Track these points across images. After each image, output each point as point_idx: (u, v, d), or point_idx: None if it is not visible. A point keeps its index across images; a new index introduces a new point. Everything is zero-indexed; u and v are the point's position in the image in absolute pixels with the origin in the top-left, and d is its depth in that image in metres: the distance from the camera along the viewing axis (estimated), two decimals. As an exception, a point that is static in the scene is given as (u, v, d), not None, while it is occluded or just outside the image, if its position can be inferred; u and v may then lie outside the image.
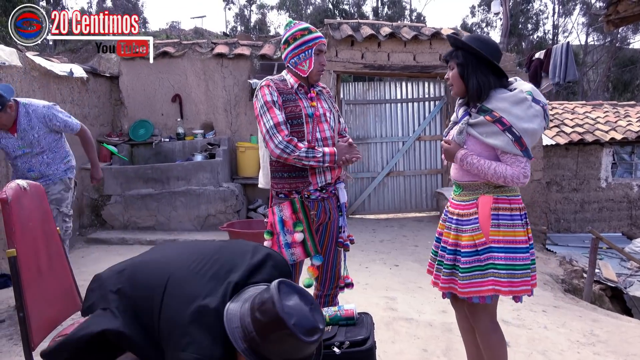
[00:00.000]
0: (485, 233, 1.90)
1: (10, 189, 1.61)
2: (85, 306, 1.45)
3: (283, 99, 2.14)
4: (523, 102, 1.85)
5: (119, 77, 6.60)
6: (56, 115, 3.28)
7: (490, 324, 2.01)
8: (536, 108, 1.87)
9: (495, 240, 1.89)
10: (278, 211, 2.16)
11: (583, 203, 8.72)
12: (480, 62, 1.91)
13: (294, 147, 2.05)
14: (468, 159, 1.95)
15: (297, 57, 2.17)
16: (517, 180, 1.86)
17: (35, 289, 1.63)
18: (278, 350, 1.18)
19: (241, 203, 6.12)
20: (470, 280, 1.91)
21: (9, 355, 2.68)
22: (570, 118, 9.29)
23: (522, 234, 1.91)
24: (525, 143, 1.83)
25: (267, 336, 1.17)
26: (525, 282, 1.90)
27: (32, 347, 1.59)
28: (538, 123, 1.86)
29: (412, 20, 28.08)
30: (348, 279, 2.39)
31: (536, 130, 1.85)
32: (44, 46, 22.41)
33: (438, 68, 6.90)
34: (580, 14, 26.75)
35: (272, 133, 2.06)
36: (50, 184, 3.24)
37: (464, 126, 1.97)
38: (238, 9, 32.09)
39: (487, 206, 1.92)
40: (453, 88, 2.04)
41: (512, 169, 1.86)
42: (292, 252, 2.14)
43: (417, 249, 5.46)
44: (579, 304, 4.20)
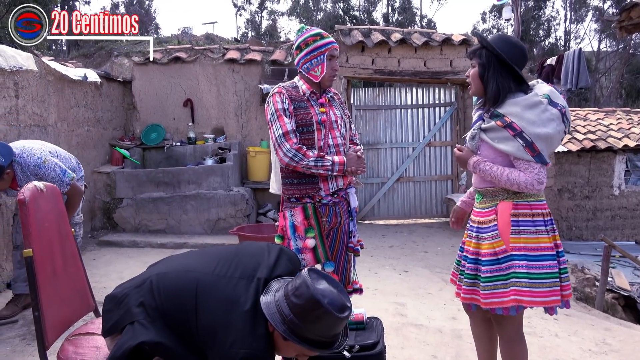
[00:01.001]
0: (505, 240, 1.83)
1: (28, 190, 1.65)
2: (106, 327, 1.47)
3: (294, 106, 2.14)
4: (537, 106, 1.80)
5: (131, 81, 6.69)
6: (49, 168, 3.04)
7: (515, 334, 1.95)
8: (552, 111, 1.81)
9: (516, 247, 1.82)
10: (290, 216, 2.15)
11: (595, 211, 8.62)
12: (503, 65, 1.86)
13: (302, 155, 2.06)
14: (480, 166, 1.91)
15: (310, 63, 2.17)
16: (531, 187, 1.80)
17: (50, 289, 1.65)
18: (315, 327, 1.32)
19: (251, 207, 6.14)
20: (492, 291, 1.85)
21: (22, 355, 2.72)
22: (582, 125, 9.21)
23: (547, 241, 1.83)
24: (538, 148, 1.77)
25: (305, 317, 1.30)
26: (553, 292, 1.80)
27: (46, 346, 1.62)
28: (553, 127, 1.79)
29: (423, 26, 28.11)
30: (357, 284, 2.38)
31: (550, 134, 1.78)
32: (58, 51, 22.78)
33: (449, 74, 6.90)
34: (593, 20, 26.60)
35: (280, 141, 2.08)
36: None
37: (476, 131, 1.94)
38: (249, 15, 32.40)
39: (507, 212, 1.86)
40: (471, 87, 2.00)
41: (525, 175, 1.80)
42: (302, 257, 2.12)
43: (427, 255, 5.44)
44: (591, 313, 4.15)
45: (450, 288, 4.11)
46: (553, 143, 1.84)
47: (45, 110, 4.62)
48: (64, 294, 1.72)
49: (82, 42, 21.34)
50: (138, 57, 6.74)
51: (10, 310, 3.24)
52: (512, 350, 1.95)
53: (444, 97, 7.60)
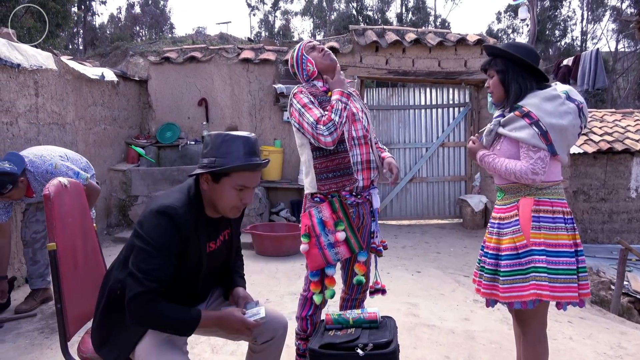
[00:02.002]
0: (526, 235, 1.87)
1: (53, 186, 1.69)
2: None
3: (319, 100, 2.20)
4: (555, 99, 1.86)
5: (147, 81, 6.77)
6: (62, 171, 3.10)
7: (538, 333, 1.98)
8: (570, 105, 1.87)
9: (536, 242, 1.86)
10: (317, 213, 2.16)
11: (611, 213, 8.50)
12: (520, 67, 1.93)
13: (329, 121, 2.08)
14: (485, 159, 1.99)
15: (303, 68, 2.29)
16: (526, 176, 1.85)
17: (72, 282, 1.70)
18: (228, 152, 1.54)
19: (264, 206, 6.18)
20: (511, 285, 1.88)
21: (40, 348, 2.78)
22: (598, 126, 9.08)
23: (566, 238, 1.87)
24: (551, 138, 1.82)
25: (217, 149, 1.55)
26: (570, 289, 1.84)
27: (68, 338, 1.66)
28: (569, 120, 1.85)
29: (437, 26, 27.95)
30: (378, 284, 2.39)
31: (565, 126, 1.84)
32: (75, 50, 23.11)
33: (463, 74, 6.87)
34: (610, 20, 26.20)
35: (315, 128, 2.08)
36: None
37: (493, 126, 2.00)
38: (262, 15, 32.52)
39: (528, 208, 1.90)
40: (493, 95, 2.05)
41: (521, 164, 1.86)
42: (336, 251, 2.15)
43: (439, 255, 5.42)
44: (606, 316, 4.11)
45: (463, 289, 4.11)
46: (567, 136, 1.88)
47: (64, 109, 4.71)
48: (85, 288, 1.76)
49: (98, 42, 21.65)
50: (154, 56, 6.82)
51: (29, 304, 3.31)
52: (534, 351, 1.98)
53: (458, 97, 7.56)
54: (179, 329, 1.49)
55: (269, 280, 4.23)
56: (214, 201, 1.59)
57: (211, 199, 1.59)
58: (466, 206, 6.97)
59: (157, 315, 1.44)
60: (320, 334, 1.91)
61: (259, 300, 1.72)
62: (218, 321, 1.57)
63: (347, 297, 2.39)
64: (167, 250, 1.47)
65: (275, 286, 4.06)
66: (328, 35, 25.39)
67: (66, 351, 1.65)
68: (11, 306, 3.36)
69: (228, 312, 1.58)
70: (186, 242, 1.53)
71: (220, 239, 1.72)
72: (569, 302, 1.88)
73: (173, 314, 1.47)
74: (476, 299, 3.83)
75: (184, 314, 1.49)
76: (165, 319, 1.45)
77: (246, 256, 5.11)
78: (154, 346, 1.50)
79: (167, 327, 1.48)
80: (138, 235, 1.49)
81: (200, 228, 1.58)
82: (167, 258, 1.47)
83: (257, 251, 5.24)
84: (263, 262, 4.90)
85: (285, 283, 4.15)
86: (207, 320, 1.53)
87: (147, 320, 1.46)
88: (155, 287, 1.44)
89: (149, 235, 1.47)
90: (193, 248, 1.56)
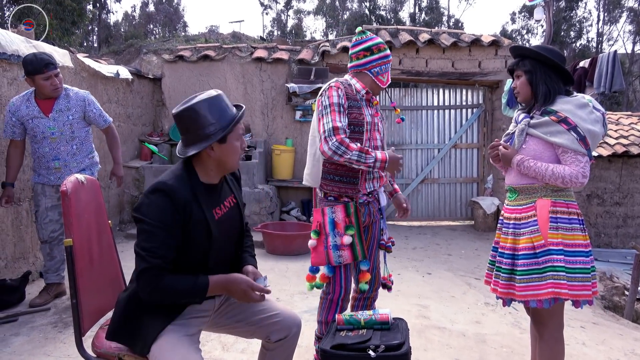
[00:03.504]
0: (544, 235, 1.92)
1: (70, 183, 1.71)
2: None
3: (349, 104, 2.17)
4: (586, 107, 1.93)
5: (161, 79, 6.83)
6: (94, 102, 3.39)
7: (555, 333, 2.01)
8: (597, 114, 1.94)
9: (554, 242, 1.91)
10: (330, 212, 2.18)
11: (626, 218, 8.38)
12: (548, 68, 1.98)
13: (345, 148, 2.05)
14: (525, 163, 1.99)
15: (380, 68, 2.24)
16: (576, 180, 1.90)
17: (87, 278, 1.71)
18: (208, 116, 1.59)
19: (275, 205, 6.20)
20: (528, 284, 1.93)
21: (53, 342, 2.81)
22: (614, 129, 8.95)
23: (582, 238, 1.93)
24: (589, 143, 1.89)
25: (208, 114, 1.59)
26: (585, 287, 1.89)
27: (82, 332, 1.68)
28: (599, 127, 1.93)
29: (450, 26, 27.77)
30: (385, 279, 2.42)
31: (597, 133, 1.91)
32: (89, 48, 23.37)
33: (477, 75, 6.82)
34: (627, 21, 25.79)
35: (328, 134, 2.07)
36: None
37: (524, 126, 2.01)
38: (275, 13, 32.60)
39: (546, 209, 1.94)
40: (520, 95, 2.08)
41: (570, 168, 1.90)
42: (339, 254, 2.17)
43: (450, 257, 5.39)
44: (620, 322, 4.05)
45: (474, 292, 4.08)
46: (597, 142, 1.95)
47: (80, 106, 4.76)
48: (99, 283, 1.78)
49: (112, 39, 21.87)
50: (167, 54, 6.87)
51: (43, 298, 3.36)
52: (551, 350, 2.00)
53: (472, 98, 7.51)
54: (189, 297, 1.53)
55: (280, 279, 4.24)
56: (224, 161, 1.64)
57: (219, 162, 1.63)
58: (478, 208, 6.92)
59: (165, 288, 1.48)
60: (332, 335, 1.91)
61: (267, 275, 1.72)
62: (226, 284, 1.57)
63: (359, 296, 2.40)
64: (165, 225, 1.50)
65: (286, 285, 4.07)
66: (340, 34, 25.37)
67: (81, 346, 1.67)
68: (25, 300, 3.41)
69: (235, 275, 1.59)
70: (186, 210, 1.54)
71: (226, 205, 1.72)
72: (587, 301, 1.92)
73: (181, 283, 1.50)
74: (487, 302, 3.80)
75: (191, 282, 1.51)
76: (173, 290, 1.49)
77: (257, 255, 5.14)
78: (169, 343, 1.51)
79: (178, 297, 1.52)
80: (137, 219, 1.53)
81: (199, 195, 1.60)
82: (168, 232, 1.50)
83: (267, 250, 5.25)
84: (273, 260, 4.91)
85: (296, 282, 4.16)
86: (215, 285, 1.55)
87: (156, 294, 1.49)
88: (159, 264, 1.47)
89: (146, 215, 1.51)
90: (197, 215, 1.57)
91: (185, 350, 1.50)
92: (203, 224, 1.58)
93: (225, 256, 1.72)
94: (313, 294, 3.82)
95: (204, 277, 1.55)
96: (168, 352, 1.49)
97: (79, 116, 3.32)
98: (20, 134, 3.27)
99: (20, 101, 3.21)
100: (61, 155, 3.28)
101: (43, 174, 3.31)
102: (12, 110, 3.21)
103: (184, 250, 1.55)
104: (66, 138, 3.28)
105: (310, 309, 3.46)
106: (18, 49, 3.67)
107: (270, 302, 1.82)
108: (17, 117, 3.21)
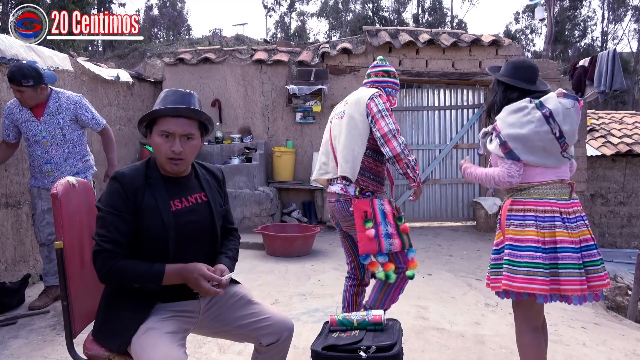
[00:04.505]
0: (503, 232, 2.10)
1: (61, 185, 1.71)
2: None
3: None
4: (520, 111, 2.05)
5: (162, 82, 6.85)
6: (86, 105, 3.37)
7: (521, 324, 2.12)
8: (534, 115, 2.01)
9: (508, 238, 2.05)
10: (379, 204, 2.43)
11: (630, 217, 8.32)
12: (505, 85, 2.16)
13: (408, 151, 2.39)
14: (467, 171, 2.28)
15: (393, 90, 2.64)
16: (503, 179, 2.07)
17: (78, 280, 1.71)
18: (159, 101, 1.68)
19: (276, 207, 6.20)
20: (495, 277, 2.13)
21: (52, 344, 2.82)
22: (617, 128, 8.91)
23: (533, 234, 1.98)
24: (510, 147, 2.03)
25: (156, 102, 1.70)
26: (529, 280, 1.94)
27: (74, 335, 1.68)
28: (529, 128, 2.00)
29: (453, 27, 27.73)
30: None
31: (523, 134, 2.00)
32: (94, 52, 23.51)
33: (477, 75, 6.80)
34: (632, 20, 25.64)
35: (394, 134, 2.37)
36: None
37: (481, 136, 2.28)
38: (278, 16, 32.67)
39: (505, 208, 2.12)
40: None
41: (497, 170, 2.10)
42: (390, 242, 2.37)
43: (452, 258, 5.36)
44: (622, 322, 4.01)
45: (474, 293, 4.06)
46: (532, 142, 2.01)
47: (80, 109, 4.78)
48: (91, 286, 1.78)
49: (116, 44, 21.98)
50: (169, 57, 6.90)
51: (43, 301, 3.37)
52: (518, 341, 2.12)
53: (472, 98, 7.48)
54: (144, 281, 1.55)
55: (279, 281, 4.24)
56: (155, 155, 1.67)
57: (154, 154, 1.67)
58: (480, 209, 6.89)
59: (119, 270, 1.52)
60: (324, 336, 1.90)
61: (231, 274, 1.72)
62: (182, 272, 1.57)
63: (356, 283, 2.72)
64: (116, 210, 1.56)
65: (285, 287, 4.07)
66: (343, 36, 25.36)
67: (72, 349, 1.67)
68: (25, 303, 3.43)
69: (192, 264, 1.58)
70: (137, 196, 1.58)
71: (190, 200, 1.71)
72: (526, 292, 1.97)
73: (136, 267, 1.54)
74: (487, 303, 3.78)
75: (147, 267, 1.55)
76: (127, 272, 1.53)
77: (257, 256, 5.17)
78: (150, 340, 1.52)
79: (132, 280, 1.55)
80: (97, 209, 1.60)
81: (154, 184, 1.64)
82: (119, 217, 1.55)
83: (267, 251, 5.26)
84: (273, 262, 4.91)
85: (295, 284, 4.15)
86: (172, 272, 1.56)
87: (111, 276, 1.53)
88: (111, 247, 1.53)
89: (102, 204, 1.59)
90: (149, 202, 1.60)
91: (166, 347, 1.50)
92: (155, 211, 1.60)
93: (196, 253, 1.69)
94: (312, 296, 3.82)
95: (162, 264, 1.57)
96: (149, 347, 1.49)
97: (70, 119, 3.32)
98: (14, 136, 3.31)
99: (14, 104, 3.26)
100: (53, 159, 3.29)
101: (38, 177, 3.34)
102: (6, 113, 3.26)
103: (140, 237, 1.59)
104: (57, 142, 3.29)
105: (308, 310, 3.46)
106: (17, 53, 3.70)
107: (261, 306, 1.81)
108: (10, 120, 3.25)
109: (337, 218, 2.59)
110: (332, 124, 2.65)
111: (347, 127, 2.46)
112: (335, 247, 5.66)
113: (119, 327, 1.58)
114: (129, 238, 1.57)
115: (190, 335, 1.77)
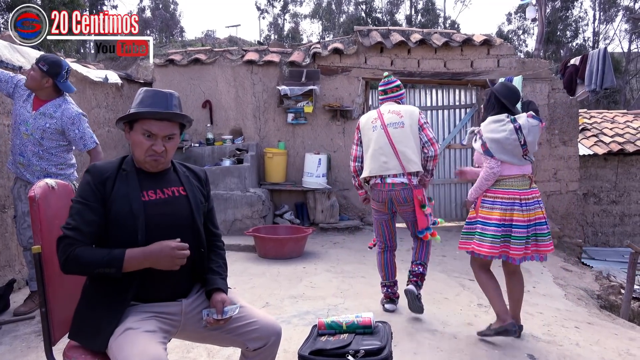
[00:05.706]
0: (477, 212, 2.96)
1: (39, 188, 1.66)
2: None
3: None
4: (499, 122, 2.86)
5: (152, 83, 6.79)
6: (81, 124, 3.26)
7: (479, 270, 3.06)
8: (508, 126, 2.80)
9: (480, 216, 2.92)
10: (425, 192, 3.45)
11: (623, 216, 8.34)
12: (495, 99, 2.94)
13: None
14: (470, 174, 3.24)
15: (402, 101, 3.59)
16: (488, 173, 2.85)
17: (58, 285, 1.66)
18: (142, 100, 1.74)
19: (267, 208, 6.15)
20: (465, 240, 3.06)
21: (36, 351, 2.76)
22: (609, 127, 8.94)
23: (497, 214, 2.83)
24: (487, 146, 2.84)
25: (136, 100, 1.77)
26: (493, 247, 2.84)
27: (53, 342, 1.63)
28: (503, 135, 2.80)
29: (446, 27, 27.80)
30: None
31: (498, 138, 2.81)
32: (86, 54, 23.37)
33: (469, 75, 6.79)
34: (623, 20, 25.83)
35: (436, 139, 3.42)
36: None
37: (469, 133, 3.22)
38: (272, 18, 32.62)
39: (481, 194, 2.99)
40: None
41: (482, 170, 2.90)
42: (432, 219, 3.46)
43: (445, 259, 5.34)
44: (615, 322, 4.00)
45: (467, 293, 4.03)
46: (504, 146, 2.81)
47: (67, 111, 4.71)
48: (70, 292, 1.73)
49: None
50: (159, 59, 6.84)
51: (28, 306, 3.30)
52: (478, 281, 3.10)
53: (465, 98, 7.47)
54: (103, 266, 1.52)
55: (270, 283, 4.19)
56: (132, 150, 1.70)
57: (132, 149, 1.70)
58: (473, 209, 6.88)
59: (76, 257, 1.52)
60: (313, 340, 1.87)
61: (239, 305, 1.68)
62: (148, 254, 1.54)
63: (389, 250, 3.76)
64: (84, 200, 1.59)
65: (276, 289, 4.02)
66: (337, 37, 25.36)
67: (51, 356, 1.62)
68: (10, 308, 3.36)
69: (155, 243, 1.55)
70: (106, 186, 1.61)
71: (166, 192, 1.70)
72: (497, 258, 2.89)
73: (95, 253, 1.54)
74: (480, 303, 3.75)
75: (106, 252, 1.54)
76: (86, 258, 1.52)
77: (248, 259, 5.12)
78: (128, 338, 1.49)
79: (91, 267, 1.53)
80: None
81: (128, 174, 1.66)
82: (86, 207, 1.57)
83: (259, 254, 5.20)
84: (265, 264, 4.86)
85: (287, 286, 4.11)
86: (134, 255, 1.53)
87: (69, 263, 1.53)
88: (73, 235, 1.54)
89: (74, 196, 1.64)
90: (119, 191, 1.61)
91: (144, 343, 1.47)
92: (125, 199, 1.60)
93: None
94: (303, 299, 3.77)
95: (121, 250, 1.54)
96: (127, 345, 1.47)
97: (55, 129, 3.21)
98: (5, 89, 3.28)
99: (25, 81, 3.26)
100: (26, 154, 3.22)
101: (12, 162, 3.32)
102: (17, 78, 3.28)
103: (109, 227, 1.59)
104: (33, 141, 3.20)
105: (299, 313, 3.41)
106: (1, 55, 3.63)
107: (248, 309, 1.77)
108: (14, 83, 3.26)
109: (393, 203, 3.37)
110: (389, 131, 3.33)
111: (410, 134, 3.32)
112: (328, 248, 5.61)
113: (95, 326, 1.56)
114: (95, 228, 1.57)
115: (178, 341, 1.73)
